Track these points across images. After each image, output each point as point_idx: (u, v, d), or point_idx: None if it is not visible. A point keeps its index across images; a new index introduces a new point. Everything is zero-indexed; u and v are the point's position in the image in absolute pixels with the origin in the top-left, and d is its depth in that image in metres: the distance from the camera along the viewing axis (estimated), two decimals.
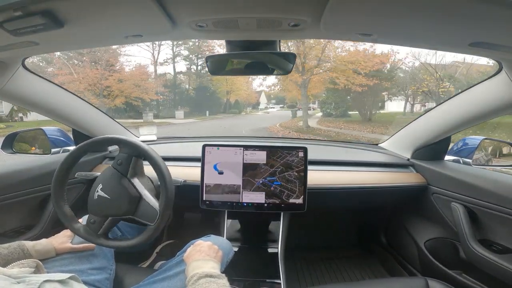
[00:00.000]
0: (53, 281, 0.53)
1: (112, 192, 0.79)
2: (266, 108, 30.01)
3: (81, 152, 0.85)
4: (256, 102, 28.71)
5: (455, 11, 0.48)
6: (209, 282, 0.60)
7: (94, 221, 0.79)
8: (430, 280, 0.86)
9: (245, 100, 24.78)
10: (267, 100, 33.71)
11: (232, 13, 0.57)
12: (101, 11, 0.54)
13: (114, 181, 0.80)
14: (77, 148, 0.85)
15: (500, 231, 0.95)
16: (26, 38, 0.62)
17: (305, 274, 1.51)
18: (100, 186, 0.80)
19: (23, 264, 0.64)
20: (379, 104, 13.57)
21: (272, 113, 25.03)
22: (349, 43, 10.13)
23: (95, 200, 0.80)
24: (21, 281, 0.50)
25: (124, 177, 0.80)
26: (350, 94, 12.24)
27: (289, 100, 27.85)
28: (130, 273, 0.92)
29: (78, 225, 0.82)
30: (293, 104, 28.38)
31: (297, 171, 1.07)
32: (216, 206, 1.09)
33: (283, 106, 30.71)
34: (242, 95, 22.99)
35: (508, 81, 0.78)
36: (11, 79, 0.87)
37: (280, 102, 32.85)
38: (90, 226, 0.80)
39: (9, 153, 1.21)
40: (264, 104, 31.70)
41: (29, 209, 1.07)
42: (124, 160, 0.81)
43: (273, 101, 34.35)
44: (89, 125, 1.27)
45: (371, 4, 0.50)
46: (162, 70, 33.15)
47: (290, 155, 1.07)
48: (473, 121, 1.00)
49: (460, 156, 1.24)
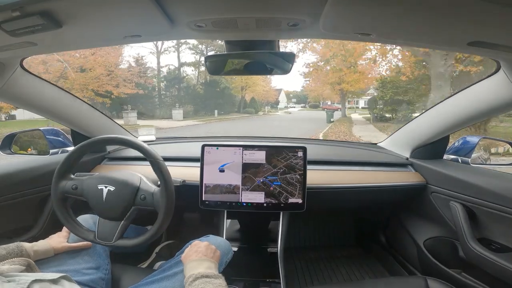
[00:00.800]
0: (44, 281, 0.53)
1: (116, 183, 0.82)
2: (287, 108, 28.01)
3: (81, 152, 0.85)
4: (275, 100, 27.00)
5: (454, 11, 0.48)
6: (205, 283, 0.60)
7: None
8: (429, 279, 0.86)
9: (263, 98, 22.27)
10: (287, 99, 31.53)
11: (231, 13, 0.57)
12: (99, 11, 0.54)
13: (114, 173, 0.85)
14: (77, 148, 0.85)
15: (499, 229, 0.96)
16: (24, 39, 0.61)
17: (304, 273, 1.51)
18: (104, 185, 0.82)
19: (14, 262, 0.64)
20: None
21: (294, 113, 22.70)
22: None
23: (105, 202, 0.81)
24: (11, 280, 0.50)
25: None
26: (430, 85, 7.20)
27: (312, 99, 26.50)
28: (128, 273, 0.92)
29: (89, 232, 0.84)
30: (316, 104, 27.17)
31: (297, 170, 1.07)
32: (215, 206, 1.09)
33: (305, 105, 29.19)
34: (259, 92, 20.24)
35: (506, 80, 0.78)
36: (9, 80, 0.87)
37: (301, 101, 31.14)
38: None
39: (7, 154, 1.21)
40: (284, 103, 29.72)
41: (28, 210, 1.06)
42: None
43: (293, 100, 32.44)
44: (88, 126, 1.26)
45: (370, 4, 0.50)
46: (165, 61, 28.85)
47: (289, 154, 1.07)
48: (471, 120, 1.01)
49: (458, 155, 1.24)
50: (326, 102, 26.87)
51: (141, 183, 0.85)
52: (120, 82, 12.11)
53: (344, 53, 11.34)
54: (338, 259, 1.63)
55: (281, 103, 29.05)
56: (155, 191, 0.83)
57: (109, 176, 0.84)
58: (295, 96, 32.89)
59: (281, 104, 28.91)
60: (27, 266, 0.66)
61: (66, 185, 0.84)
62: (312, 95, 23.87)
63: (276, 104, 27.05)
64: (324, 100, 25.68)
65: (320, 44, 11.91)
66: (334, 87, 13.18)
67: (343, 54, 11.38)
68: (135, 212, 0.84)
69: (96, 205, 0.82)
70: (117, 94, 11.91)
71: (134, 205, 0.82)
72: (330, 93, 15.24)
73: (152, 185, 0.86)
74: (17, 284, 0.48)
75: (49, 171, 1.08)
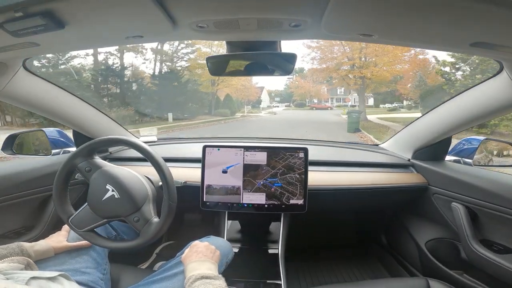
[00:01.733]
0: (41, 278, 0.53)
1: (123, 192, 0.81)
2: (270, 107, 25.24)
3: (85, 153, 0.85)
4: (257, 99, 23.45)
5: (456, 12, 0.48)
6: (205, 284, 0.60)
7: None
8: (431, 280, 0.86)
9: (242, 97, 18.27)
10: (270, 98, 28.84)
11: (233, 13, 0.57)
12: (101, 12, 0.54)
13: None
14: (79, 149, 0.85)
15: (501, 231, 0.95)
16: (27, 39, 0.61)
17: (305, 274, 1.51)
18: (112, 187, 0.81)
19: (13, 260, 0.64)
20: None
21: (280, 113, 19.50)
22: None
23: (102, 202, 0.80)
24: (10, 277, 0.50)
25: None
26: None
27: (298, 96, 23.76)
28: (129, 273, 0.92)
29: (66, 215, 0.83)
30: (302, 102, 24.37)
31: (298, 172, 1.07)
32: (216, 207, 1.09)
33: (289, 104, 26.70)
34: (237, 88, 15.80)
35: (508, 81, 0.78)
36: (11, 80, 0.87)
37: (284, 100, 28.71)
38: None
39: (9, 155, 1.21)
40: (267, 102, 27.06)
41: (29, 210, 1.06)
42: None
43: (277, 98, 29.81)
44: (90, 126, 1.26)
45: (371, 5, 0.50)
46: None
47: (291, 156, 1.07)
48: (474, 121, 1.00)
49: (461, 156, 1.24)
50: (313, 100, 24.27)
51: (144, 206, 0.82)
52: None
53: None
54: (339, 260, 1.62)
55: (264, 102, 25.73)
56: (151, 221, 0.80)
57: (122, 182, 0.82)
58: (278, 95, 30.27)
59: (264, 104, 25.45)
60: (26, 265, 0.66)
61: (82, 163, 0.83)
62: (299, 93, 21.46)
63: (258, 104, 23.69)
64: (312, 98, 23.60)
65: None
66: (351, 71, 9.12)
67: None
68: (121, 220, 0.83)
69: (92, 197, 0.81)
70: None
71: (124, 218, 0.81)
72: (338, 83, 10.73)
73: (153, 213, 0.83)
74: (15, 281, 0.49)
75: (50, 171, 1.08)
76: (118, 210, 0.80)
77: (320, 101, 24.56)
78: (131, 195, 0.80)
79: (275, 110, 23.37)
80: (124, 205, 0.80)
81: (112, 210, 0.80)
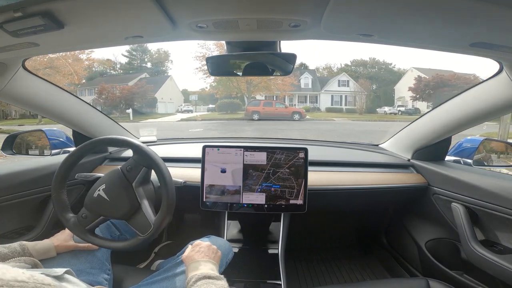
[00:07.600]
0: (49, 276, 0.53)
1: (112, 196, 0.80)
2: (177, 112, 16.52)
3: (82, 152, 0.85)
4: (151, 98, 15.31)
5: (456, 12, 0.48)
6: (208, 284, 0.60)
7: (86, 216, 0.81)
8: (431, 280, 0.86)
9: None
10: (184, 97, 19.13)
11: (233, 13, 0.57)
12: (101, 12, 0.54)
13: (118, 186, 0.81)
14: (78, 148, 0.85)
15: (501, 231, 0.95)
16: (26, 39, 0.62)
17: (305, 275, 1.51)
18: (103, 186, 0.81)
19: (20, 260, 0.64)
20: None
21: (199, 124, 11.04)
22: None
23: (94, 198, 0.81)
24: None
25: (130, 184, 0.82)
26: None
27: (231, 92, 14.36)
28: (128, 273, 0.92)
29: (69, 216, 0.82)
30: (234, 102, 15.16)
31: (298, 171, 1.07)
32: (216, 207, 1.09)
33: (214, 107, 16.66)
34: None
35: (508, 81, 0.78)
36: (11, 80, 0.87)
37: (208, 101, 19.39)
38: (81, 220, 0.81)
39: (9, 155, 1.21)
40: (173, 104, 17.58)
41: (29, 210, 1.06)
42: (134, 167, 0.83)
43: (193, 96, 19.81)
44: (89, 126, 1.26)
45: (371, 5, 0.50)
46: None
47: (290, 156, 1.07)
48: (474, 122, 1.00)
49: (461, 156, 1.24)
50: (253, 97, 14.36)
51: (142, 205, 0.81)
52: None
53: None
54: (339, 260, 1.62)
55: (167, 104, 16.48)
56: (150, 220, 0.79)
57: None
58: (201, 98, 20.34)
59: (166, 106, 16.15)
60: (33, 265, 0.66)
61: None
62: (232, 86, 13.11)
63: (153, 105, 15.01)
64: (254, 91, 13.56)
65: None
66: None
67: None
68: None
69: (90, 195, 0.82)
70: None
71: (120, 216, 0.80)
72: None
73: (151, 213, 0.81)
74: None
75: (50, 172, 1.08)
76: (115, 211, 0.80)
77: (270, 97, 13.40)
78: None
79: (180, 116, 14.18)
80: (121, 200, 0.80)
81: (111, 209, 0.80)
